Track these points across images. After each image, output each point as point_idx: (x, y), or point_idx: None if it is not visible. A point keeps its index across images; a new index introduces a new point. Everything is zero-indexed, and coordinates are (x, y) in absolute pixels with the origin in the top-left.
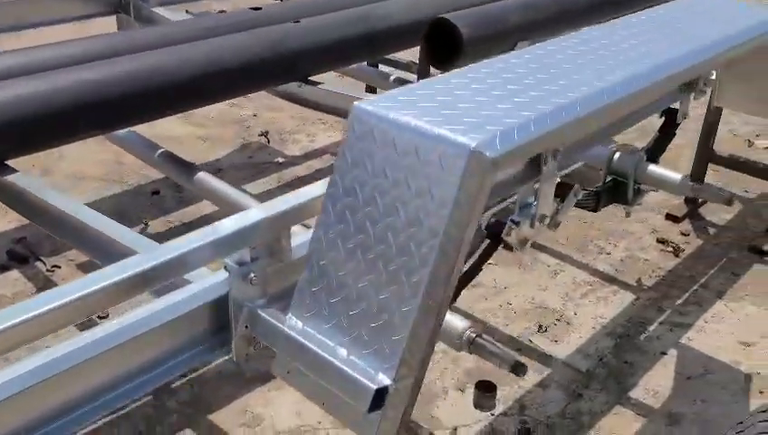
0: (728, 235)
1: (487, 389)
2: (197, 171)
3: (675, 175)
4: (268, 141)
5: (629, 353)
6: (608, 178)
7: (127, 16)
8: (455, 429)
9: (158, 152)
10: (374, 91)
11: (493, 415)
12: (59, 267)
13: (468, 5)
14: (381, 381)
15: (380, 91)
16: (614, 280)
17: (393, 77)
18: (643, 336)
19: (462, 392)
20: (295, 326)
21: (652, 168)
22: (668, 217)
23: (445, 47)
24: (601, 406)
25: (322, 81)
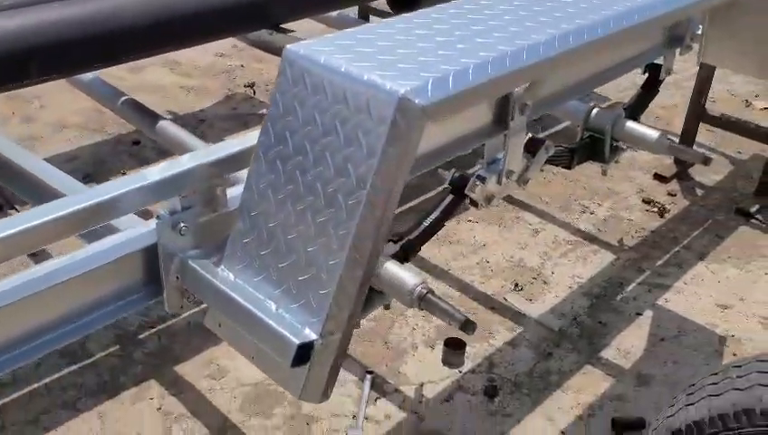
0: (716, 196)
1: (456, 346)
2: (160, 120)
3: (652, 132)
4: (254, 93)
5: (605, 314)
6: (585, 134)
7: None
8: (421, 385)
9: (122, 100)
10: None
11: (461, 372)
12: None
13: None
14: (307, 335)
15: None
16: (595, 240)
17: None
18: (620, 297)
19: (431, 349)
20: (226, 278)
21: (630, 124)
22: (656, 177)
23: None
24: (571, 365)
25: (295, 29)
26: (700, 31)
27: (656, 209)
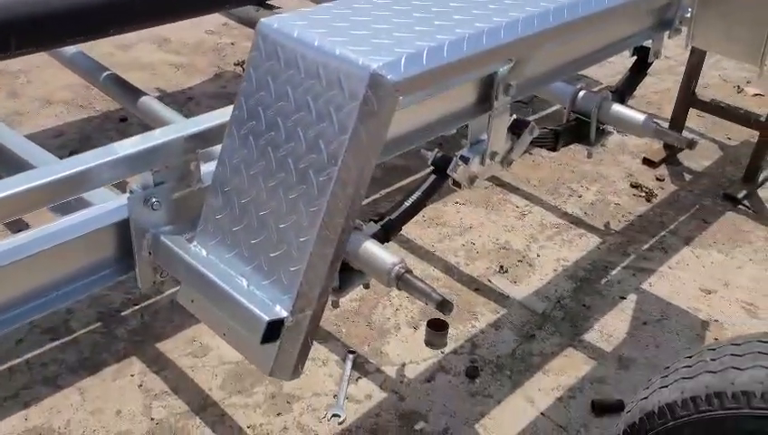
0: (704, 181)
1: (439, 327)
2: (142, 95)
3: (638, 116)
4: (243, 71)
5: (588, 297)
6: (572, 117)
7: None
8: (403, 365)
9: (104, 74)
10: None
11: (443, 353)
12: None
13: None
14: (277, 313)
15: None
16: (582, 223)
17: None
18: (604, 280)
19: (415, 330)
20: (198, 255)
21: (616, 107)
22: (645, 162)
23: None
24: (553, 348)
25: (281, 6)
26: (689, 14)
27: (643, 194)
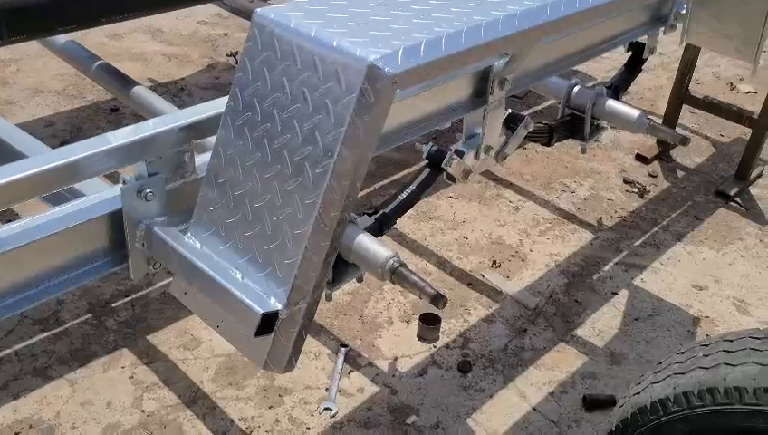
0: (696, 178)
1: (431, 321)
2: (135, 85)
3: (632, 111)
4: (236, 62)
5: (581, 292)
6: (566, 112)
7: None
8: (395, 359)
9: (96, 64)
10: None
11: (435, 347)
12: None
13: None
14: (272, 305)
15: None
16: (575, 218)
17: None
18: (596, 276)
19: (407, 324)
20: (192, 246)
21: (610, 103)
22: (638, 158)
23: None
24: (545, 343)
25: None
26: (685, 11)
27: (636, 190)
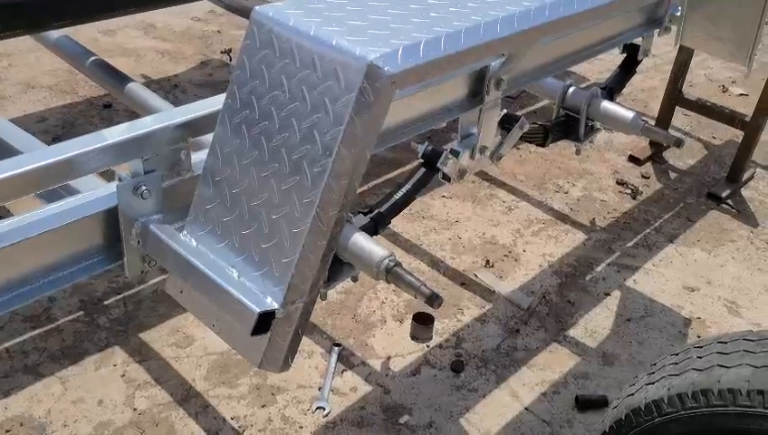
0: (688, 180)
1: (425, 321)
2: (129, 82)
3: (627, 113)
4: (230, 59)
5: (573, 293)
6: (561, 113)
7: None
8: (388, 358)
9: (90, 59)
10: None
11: (428, 347)
12: None
13: None
14: (268, 304)
15: None
16: (567, 219)
17: None
18: (589, 277)
19: (400, 323)
20: (188, 244)
21: (605, 104)
22: (631, 159)
23: None
24: (538, 343)
25: None
26: (679, 13)
27: (629, 191)
